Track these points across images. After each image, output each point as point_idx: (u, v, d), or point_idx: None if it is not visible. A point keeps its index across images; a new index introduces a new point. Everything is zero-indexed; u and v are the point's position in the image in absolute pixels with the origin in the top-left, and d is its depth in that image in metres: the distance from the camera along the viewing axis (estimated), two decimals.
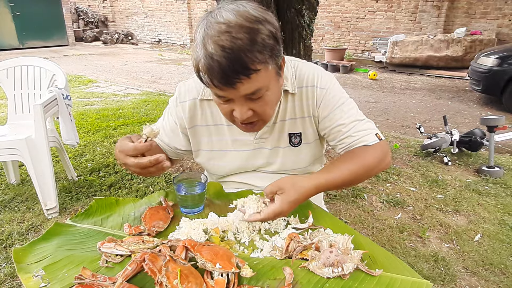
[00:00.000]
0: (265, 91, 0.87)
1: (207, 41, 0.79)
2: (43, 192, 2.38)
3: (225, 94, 0.86)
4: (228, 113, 0.93)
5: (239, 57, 0.78)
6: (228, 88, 0.82)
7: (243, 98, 0.86)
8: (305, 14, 2.95)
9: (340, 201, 2.76)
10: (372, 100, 6.16)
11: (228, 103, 0.90)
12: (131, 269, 0.74)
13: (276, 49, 0.85)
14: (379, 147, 1.01)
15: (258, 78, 0.83)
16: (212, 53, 0.78)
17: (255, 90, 0.84)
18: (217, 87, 0.83)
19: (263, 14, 0.83)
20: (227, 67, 0.78)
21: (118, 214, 1.04)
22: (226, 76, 0.79)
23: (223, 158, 1.14)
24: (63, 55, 10.42)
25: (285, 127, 1.09)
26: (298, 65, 1.07)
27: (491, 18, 8.09)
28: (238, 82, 0.81)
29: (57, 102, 2.51)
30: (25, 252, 0.87)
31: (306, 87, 1.05)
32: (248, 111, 0.89)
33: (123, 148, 0.88)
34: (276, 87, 0.93)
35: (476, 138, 3.42)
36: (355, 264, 0.75)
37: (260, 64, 0.81)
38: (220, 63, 0.77)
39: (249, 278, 0.74)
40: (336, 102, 1.04)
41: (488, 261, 2.09)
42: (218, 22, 0.79)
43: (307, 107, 1.06)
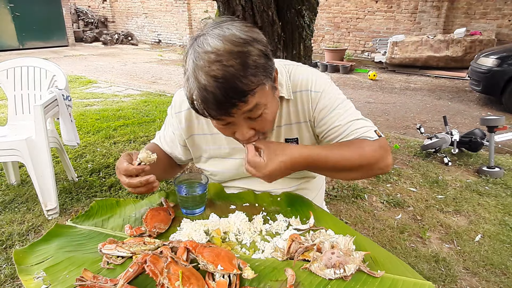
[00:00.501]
0: (264, 109, 0.86)
1: (198, 73, 0.77)
2: (43, 193, 2.38)
3: (222, 120, 0.85)
4: (230, 135, 0.92)
5: (233, 84, 0.76)
6: (224, 116, 0.82)
7: (242, 119, 0.86)
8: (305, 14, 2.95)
9: (340, 202, 2.76)
10: (372, 100, 6.16)
11: (228, 126, 0.88)
12: (133, 270, 0.74)
13: (269, 66, 0.84)
14: (379, 143, 0.95)
15: (255, 97, 0.81)
16: (205, 85, 0.77)
17: (252, 108, 0.83)
18: (214, 117, 0.83)
19: (250, 33, 0.81)
20: (222, 97, 0.77)
21: (119, 215, 1.04)
22: (221, 105, 0.79)
23: (221, 165, 1.14)
24: (63, 56, 10.42)
25: (281, 133, 1.08)
26: (292, 70, 1.05)
27: (490, 18, 8.09)
28: (234, 108, 0.80)
29: (57, 102, 2.50)
30: (25, 254, 0.87)
31: (300, 92, 1.03)
32: (250, 130, 0.88)
33: (118, 166, 0.94)
34: (274, 102, 0.91)
35: (476, 138, 3.42)
36: (357, 265, 0.75)
37: (255, 85, 0.80)
38: (214, 94, 0.76)
39: (250, 280, 0.74)
40: (332, 104, 1.01)
41: (488, 261, 2.09)
42: (206, 52, 0.77)
43: (302, 112, 1.04)
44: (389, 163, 0.96)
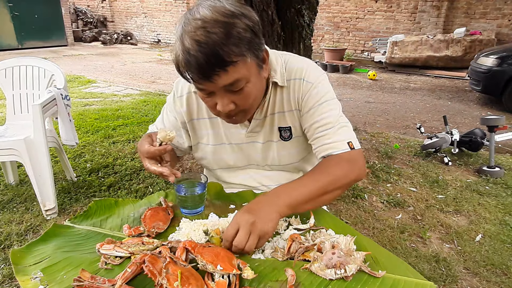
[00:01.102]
0: (245, 83, 0.88)
1: (184, 37, 0.81)
2: (42, 192, 2.37)
3: (205, 87, 0.87)
4: (212, 107, 0.93)
5: (214, 51, 0.79)
6: (206, 82, 0.84)
7: (223, 91, 0.88)
8: (305, 14, 2.95)
9: (340, 202, 2.75)
10: (372, 100, 6.16)
11: (210, 96, 0.91)
12: (131, 271, 0.73)
13: (255, 42, 0.86)
14: (346, 157, 0.98)
15: (236, 70, 0.83)
16: (189, 49, 0.80)
17: (233, 82, 0.85)
18: (196, 81, 0.86)
19: (240, 8, 0.84)
20: (203, 62, 0.80)
21: (118, 215, 1.03)
22: (202, 70, 0.81)
23: (219, 151, 1.15)
24: (62, 55, 10.40)
25: (274, 120, 1.09)
26: (289, 59, 1.06)
27: (490, 18, 8.10)
28: (215, 75, 0.82)
29: (56, 102, 2.49)
30: (23, 254, 0.86)
31: (294, 80, 1.04)
32: (230, 104, 0.90)
33: (141, 149, 0.95)
34: (258, 80, 0.93)
35: (476, 138, 3.41)
36: (358, 265, 0.74)
37: (237, 56, 0.82)
38: (196, 57, 0.80)
39: (250, 280, 0.73)
40: (319, 99, 1.02)
41: (489, 261, 2.09)
42: (195, 19, 0.81)
43: (293, 100, 1.06)
44: (359, 173, 1.00)
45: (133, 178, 3.01)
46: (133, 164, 3.24)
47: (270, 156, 1.13)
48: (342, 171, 0.97)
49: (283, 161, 1.13)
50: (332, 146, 1.00)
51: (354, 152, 1.00)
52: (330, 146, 1.00)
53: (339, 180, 0.96)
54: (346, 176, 0.97)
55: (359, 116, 5.24)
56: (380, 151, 3.67)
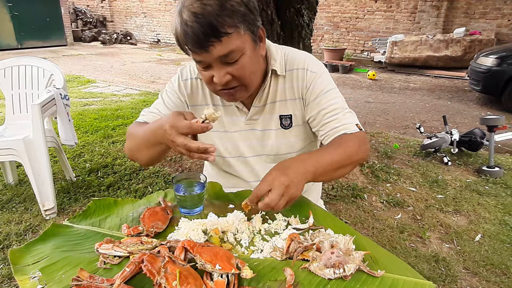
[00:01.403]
0: (240, 54, 0.91)
1: (183, 10, 0.86)
2: (41, 192, 2.37)
3: (202, 58, 0.90)
4: (209, 80, 0.96)
5: (209, 21, 0.84)
6: (202, 52, 0.88)
7: (219, 62, 0.91)
8: (305, 13, 2.94)
9: (340, 201, 2.75)
10: (372, 100, 6.16)
11: (207, 70, 0.94)
12: (129, 270, 0.73)
13: (249, 17, 0.90)
14: (358, 135, 1.03)
15: (230, 41, 0.87)
16: (186, 20, 0.85)
17: (227, 53, 0.88)
18: (193, 51, 0.89)
19: None
20: (199, 31, 0.84)
21: (116, 214, 1.03)
22: (199, 39, 0.85)
23: (219, 139, 1.17)
24: (62, 55, 10.39)
25: (275, 108, 1.12)
26: (289, 51, 1.11)
27: (490, 18, 8.10)
28: (210, 45, 0.86)
29: (55, 102, 2.49)
30: (21, 253, 0.86)
31: (297, 70, 1.08)
32: (226, 75, 0.92)
33: (177, 124, 0.86)
34: (254, 54, 0.96)
35: (476, 138, 3.41)
36: (357, 265, 0.74)
37: (230, 28, 0.86)
38: (193, 28, 0.84)
39: (249, 280, 0.73)
40: (324, 87, 1.07)
41: (489, 261, 2.09)
42: None
43: (297, 88, 1.09)
44: (366, 150, 1.05)
45: (133, 178, 3.01)
46: (133, 164, 3.24)
47: (269, 144, 1.15)
48: (355, 147, 1.01)
49: (282, 150, 1.15)
50: (344, 128, 1.04)
51: (362, 132, 1.06)
52: (342, 128, 1.04)
53: (352, 156, 1.00)
54: (357, 153, 1.01)
55: (359, 116, 5.16)
56: (380, 151, 3.67)
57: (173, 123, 0.86)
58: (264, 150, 1.16)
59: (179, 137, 0.85)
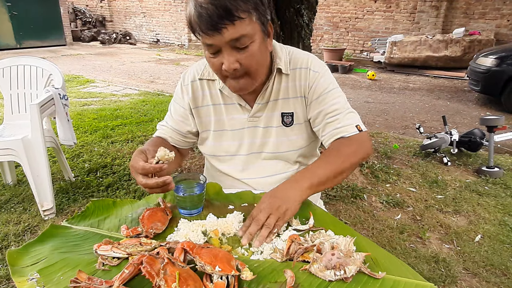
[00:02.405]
0: (250, 41, 0.93)
1: None
2: (39, 193, 2.36)
3: (213, 42, 0.92)
4: (218, 67, 0.97)
5: (224, 4, 0.87)
6: (214, 33, 0.89)
7: (229, 47, 0.93)
8: (304, 13, 2.94)
9: (339, 202, 2.74)
10: (371, 100, 6.16)
11: (217, 56, 0.95)
12: (128, 272, 0.72)
13: (260, 7, 0.93)
14: (356, 138, 1.07)
15: (242, 25, 0.90)
16: (201, 2, 0.88)
17: (239, 36, 0.91)
18: (205, 33, 0.90)
19: None
20: (213, 12, 0.87)
21: (115, 215, 1.02)
22: (212, 21, 0.88)
23: (221, 137, 1.19)
24: (61, 55, 10.38)
25: (278, 106, 1.14)
26: (293, 51, 1.14)
27: (489, 18, 8.10)
28: (223, 27, 0.88)
29: (54, 102, 2.48)
30: (19, 255, 0.85)
31: (300, 69, 1.11)
32: (235, 62, 0.94)
33: (134, 165, 0.94)
34: (263, 45, 0.98)
35: (475, 138, 3.41)
36: (358, 266, 0.74)
37: (244, 13, 0.89)
38: (207, 9, 0.87)
39: (249, 281, 0.73)
40: (327, 87, 1.10)
41: (489, 262, 2.08)
42: None
43: (299, 87, 1.12)
44: (366, 150, 1.08)
45: (132, 178, 3.00)
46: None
47: (270, 142, 1.16)
48: (351, 150, 1.05)
49: (282, 148, 1.16)
50: (342, 130, 1.07)
51: (362, 134, 1.08)
52: (341, 130, 1.07)
53: (349, 159, 1.04)
54: (355, 155, 1.05)
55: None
56: (379, 151, 3.67)
57: (131, 163, 0.95)
58: (264, 147, 1.17)
59: (138, 176, 0.92)
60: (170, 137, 1.21)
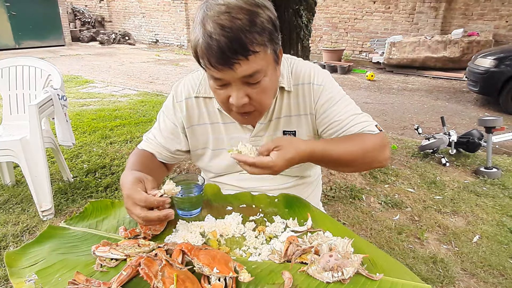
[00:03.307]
0: (263, 76, 0.87)
1: (207, 21, 0.79)
2: (38, 193, 2.36)
3: (222, 76, 0.84)
4: (225, 100, 0.91)
5: (238, 36, 0.78)
6: (225, 69, 0.81)
7: (240, 82, 0.85)
8: (303, 14, 2.94)
9: (338, 202, 2.75)
10: (370, 101, 6.16)
11: (224, 88, 0.88)
12: (126, 273, 0.72)
13: (275, 36, 0.86)
14: (380, 137, 0.98)
15: (256, 60, 0.82)
16: (211, 32, 0.78)
17: (252, 73, 0.83)
18: (214, 67, 0.82)
19: (262, 0, 0.85)
20: (225, 46, 0.78)
21: (114, 216, 1.02)
22: (224, 55, 0.79)
23: (219, 156, 1.13)
24: (60, 55, 10.36)
25: (280, 124, 1.08)
26: (294, 62, 1.07)
27: (488, 19, 8.12)
28: (235, 62, 0.80)
29: (53, 102, 2.48)
30: (17, 256, 0.85)
31: (302, 84, 1.04)
32: (245, 97, 0.88)
33: (133, 195, 0.83)
34: (274, 76, 0.92)
35: (474, 139, 3.42)
36: (356, 268, 0.74)
37: (259, 46, 0.81)
38: (219, 41, 0.78)
39: (247, 283, 0.73)
40: (334, 98, 1.03)
41: (486, 262, 2.09)
42: (218, 4, 0.80)
43: (303, 104, 1.06)
44: (387, 157, 0.99)
45: None
46: None
47: None
48: (375, 148, 0.95)
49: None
50: (363, 125, 0.99)
51: (383, 134, 1.00)
52: (361, 125, 0.99)
53: (369, 155, 0.95)
54: (376, 155, 0.96)
55: None
56: None
57: (129, 193, 0.83)
58: None
59: (136, 208, 0.82)
60: (158, 152, 1.12)
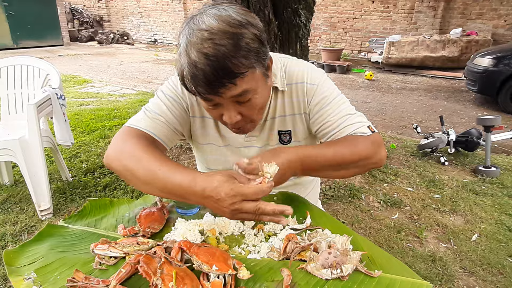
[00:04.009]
0: (253, 94, 0.86)
1: (190, 49, 0.77)
2: (36, 193, 2.35)
3: (211, 98, 0.84)
4: (218, 117, 0.92)
5: (223, 64, 0.76)
6: (212, 96, 0.82)
7: (230, 102, 0.85)
8: (302, 14, 2.94)
9: (337, 201, 2.75)
10: (369, 100, 6.17)
11: (216, 108, 0.88)
12: (125, 271, 0.72)
13: (262, 52, 0.83)
14: (371, 139, 0.96)
15: (244, 81, 0.81)
16: (195, 61, 0.77)
17: (241, 93, 0.83)
18: (202, 95, 0.82)
19: (246, 17, 0.81)
20: (211, 75, 0.77)
21: (113, 215, 1.02)
22: (210, 84, 0.78)
23: (216, 152, 1.13)
24: (58, 55, 10.35)
25: (274, 124, 1.08)
26: (288, 62, 1.06)
27: (486, 18, 8.13)
28: (223, 88, 0.80)
29: (51, 102, 2.48)
30: (16, 254, 0.85)
31: (296, 84, 1.03)
32: (237, 115, 0.88)
33: (243, 191, 0.74)
34: (265, 90, 0.91)
35: (472, 138, 3.43)
36: (354, 265, 0.74)
37: (246, 68, 0.80)
38: (204, 71, 0.77)
39: (246, 280, 0.73)
40: (327, 98, 1.02)
41: (485, 261, 2.09)
42: (200, 29, 0.78)
43: (297, 104, 1.05)
44: (382, 157, 0.97)
45: None
46: None
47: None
48: (367, 150, 0.94)
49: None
50: (355, 126, 0.97)
51: (376, 135, 0.98)
52: (353, 127, 0.97)
53: (360, 156, 0.93)
54: (368, 157, 0.94)
55: None
56: None
57: (237, 191, 0.74)
58: None
59: (248, 203, 0.75)
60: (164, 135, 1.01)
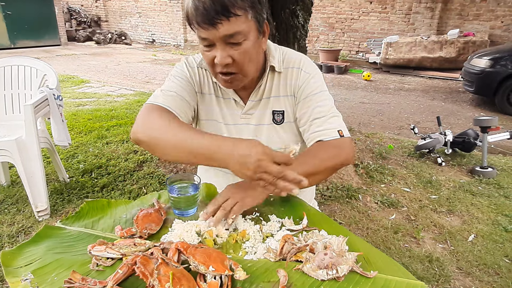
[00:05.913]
0: (244, 39, 0.94)
1: None
2: (33, 194, 2.35)
3: (207, 35, 0.93)
4: (211, 61, 0.99)
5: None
6: (209, 28, 0.91)
7: (223, 42, 0.94)
8: (300, 14, 2.95)
9: (334, 202, 2.75)
10: (367, 101, 6.18)
11: (211, 49, 0.97)
12: (122, 272, 0.73)
13: (257, 6, 0.94)
14: (335, 143, 1.05)
15: (237, 22, 0.91)
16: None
17: (233, 33, 0.92)
18: (200, 27, 0.92)
19: None
20: (210, 7, 0.88)
21: (110, 216, 1.02)
22: (208, 15, 0.89)
23: (215, 128, 1.19)
24: (55, 55, 10.31)
25: (269, 104, 1.15)
26: (287, 51, 1.16)
27: (483, 19, 8.17)
28: (218, 22, 0.89)
29: (48, 102, 2.47)
30: (13, 255, 0.85)
31: (292, 68, 1.13)
32: (228, 57, 0.95)
33: (271, 152, 0.83)
34: (257, 43, 0.99)
35: (469, 138, 3.44)
36: (350, 266, 0.75)
37: (240, 10, 0.90)
38: (204, 2, 0.88)
39: (242, 281, 0.73)
40: (315, 88, 1.11)
41: (482, 261, 2.10)
42: None
43: (290, 86, 1.14)
44: (346, 158, 1.06)
45: (127, 179, 2.99)
46: (127, 164, 3.23)
47: (261, 140, 1.13)
48: (329, 155, 1.04)
49: (272, 146, 1.12)
50: (322, 133, 1.07)
51: (343, 139, 1.06)
52: (321, 133, 1.07)
53: (324, 163, 1.03)
54: (331, 160, 1.04)
55: (354, 116, 5.26)
56: (374, 151, 3.69)
57: (268, 151, 0.82)
58: None
59: (274, 166, 0.81)
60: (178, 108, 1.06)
